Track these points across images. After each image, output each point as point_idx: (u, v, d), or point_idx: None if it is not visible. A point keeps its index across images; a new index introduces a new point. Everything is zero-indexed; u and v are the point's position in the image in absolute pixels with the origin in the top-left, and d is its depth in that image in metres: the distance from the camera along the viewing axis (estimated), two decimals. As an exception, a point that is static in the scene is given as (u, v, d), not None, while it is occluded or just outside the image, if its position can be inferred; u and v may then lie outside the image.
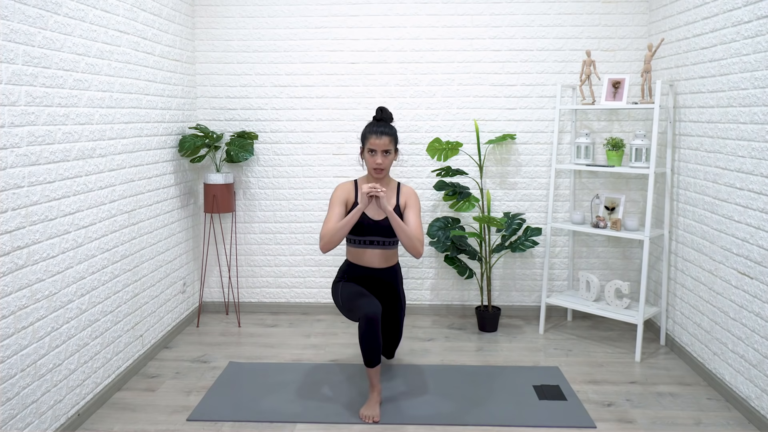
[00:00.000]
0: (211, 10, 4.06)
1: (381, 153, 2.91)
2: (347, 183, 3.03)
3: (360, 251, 3.00)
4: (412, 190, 3.04)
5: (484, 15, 3.99)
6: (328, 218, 2.91)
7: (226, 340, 3.72)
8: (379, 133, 2.89)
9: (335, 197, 2.97)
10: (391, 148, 2.93)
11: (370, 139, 2.91)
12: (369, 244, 2.97)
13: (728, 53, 3.00)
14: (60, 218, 2.56)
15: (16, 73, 2.26)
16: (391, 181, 3.05)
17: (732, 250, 2.96)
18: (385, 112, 3.00)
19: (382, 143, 2.89)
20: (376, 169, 2.92)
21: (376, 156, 2.91)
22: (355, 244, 3.00)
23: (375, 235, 2.96)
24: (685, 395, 3.02)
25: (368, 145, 2.92)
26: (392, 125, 2.96)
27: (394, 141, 2.94)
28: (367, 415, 2.75)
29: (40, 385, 2.45)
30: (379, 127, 2.91)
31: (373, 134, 2.90)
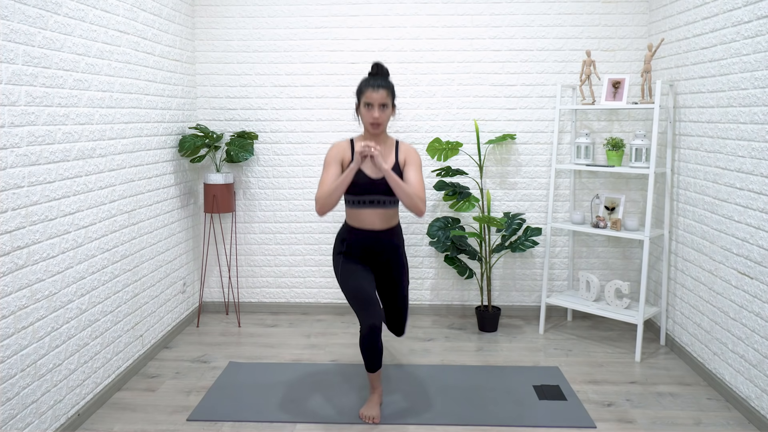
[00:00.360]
0: (211, 10, 4.06)
1: (378, 107, 2.69)
2: (342, 141, 2.83)
3: (359, 212, 2.78)
4: (412, 147, 2.84)
5: (484, 15, 3.99)
6: (322, 180, 2.72)
7: (226, 340, 3.72)
8: (376, 86, 2.69)
9: (330, 157, 2.78)
10: (389, 102, 2.72)
11: (366, 92, 2.70)
12: (368, 204, 2.76)
13: (728, 53, 3.00)
14: (60, 218, 2.56)
15: (16, 73, 2.26)
16: (389, 138, 2.84)
17: (732, 250, 2.96)
18: (381, 67, 2.79)
19: (379, 96, 2.68)
20: (373, 124, 2.71)
21: (373, 110, 2.70)
22: (353, 205, 2.78)
23: (374, 194, 2.75)
24: (685, 395, 3.02)
25: (364, 99, 2.71)
26: (389, 80, 2.77)
27: (391, 95, 2.74)
28: (367, 416, 2.76)
29: (40, 385, 2.45)
30: (376, 81, 2.72)
31: (369, 87, 2.69)
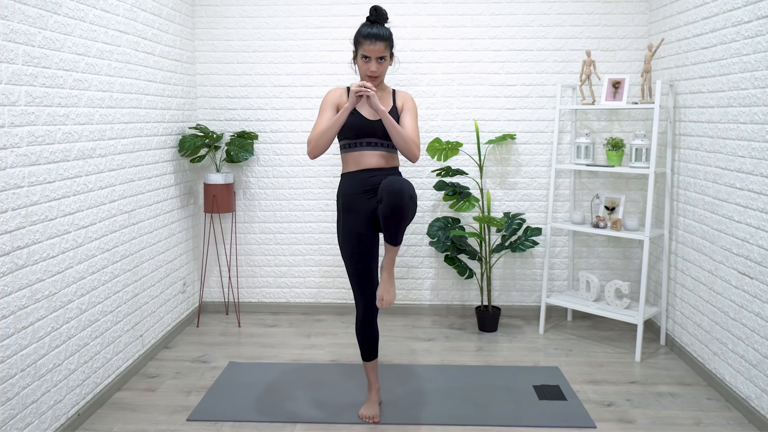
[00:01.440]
0: (211, 10, 4.06)
1: (375, 60, 2.62)
2: (339, 88, 2.76)
3: (358, 154, 2.69)
4: (409, 94, 2.78)
5: (484, 15, 3.99)
6: (316, 123, 2.67)
7: (226, 340, 3.72)
8: (373, 37, 2.58)
9: (325, 101, 2.71)
10: (387, 54, 2.64)
11: (363, 44, 2.61)
12: (367, 146, 2.68)
13: (728, 53, 3.00)
14: (60, 218, 2.56)
15: (16, 73, 2.26)
16: (387, 89, 2.78)
17: (732, 250, 2.96)
18: (380, 13, 2.66)
19: (377, 49, 2.59)
20: (370, 76, 2.65)
21: (371, 63, 2.62)
22: (351, 148, 2.70)
23: (372, 136, 2.67)
24: (685, 395, 3.02)
25: (361, 50, 2.62)
26: (387, 27, 2.66)
27: (389, 46, 2.64)
28: (366, 416, 2.76)
29: (40, 385, 2.45)
30: (373, 30, 2.60)
31: (366, 39, 2.59)
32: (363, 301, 2.69)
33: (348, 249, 2.69)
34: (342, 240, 2.71)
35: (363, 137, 2.67)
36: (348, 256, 2.69)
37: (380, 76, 2.67)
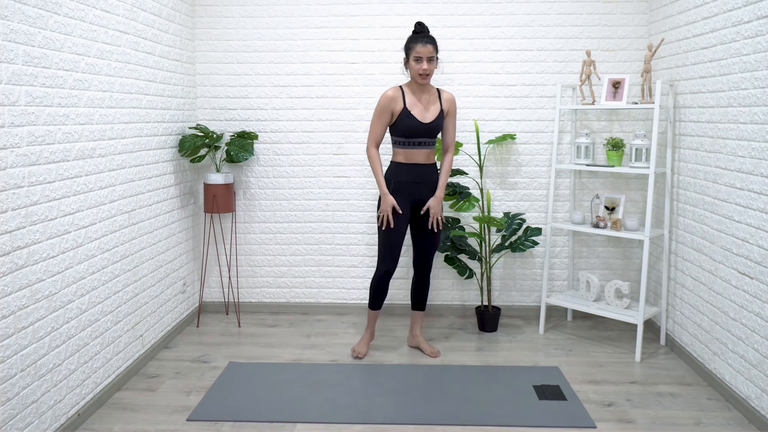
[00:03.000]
0: (211, 10, 4.06)
1: (426, 60, 3.14)
2: (393, 90, 3.25)
3: (410, 151, 3.26)
4: (453, 97, 3.33)
5: (484, 15, 3.99)
6: (373, 127, 3.28)
7: (226, 340, 3.72)
8: (424, 41, 3.12)
9: (380, 107, 3.25)
10: (435, 56, 3.16)
11: (415, 47, 3.14)
12: (417, 145, 3.25)
13: (728, 53, 3.00)
14: (60, 218, 2.56)
15: (16, 73, 2.26)
16: (432, 88, 3.29)
17: (732, 250, 2.96)
18: (424, 26, 3.22)
19: (427, 50, 3.13)
20: (422, 74, 3.15)
21: (422, 62, 3.14)
22: (405, 145, 3.25)
23: (424, 136, 3.24)
24: (685, 395, 3.02)
25: (414, 53, 3.14)
26: (432, 36, 3.18)
27: (436, 49, 3.18)
28: (355, 350, 3.43)
29: (40, 385, 2.45)
30: (423, 37, 3.14)
31: (418, 43, 3.13)
32: (385, 265, 3.31)
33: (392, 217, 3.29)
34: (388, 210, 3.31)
35: (415, 137, 3.24)
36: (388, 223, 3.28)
37: (430, 75, 3.19)
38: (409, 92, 3.24)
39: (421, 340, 3.50)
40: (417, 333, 3.50)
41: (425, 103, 3.24)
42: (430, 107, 3.24)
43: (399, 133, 3.24)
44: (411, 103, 3.21)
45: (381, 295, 3.40)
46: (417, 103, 3.23)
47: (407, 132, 3.21)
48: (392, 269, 3.33)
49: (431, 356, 3.42)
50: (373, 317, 3.47)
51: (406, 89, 3.25)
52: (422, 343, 3.48)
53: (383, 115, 3.24)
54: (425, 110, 3.23)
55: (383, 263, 3.31)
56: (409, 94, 3.23)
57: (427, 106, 3.24)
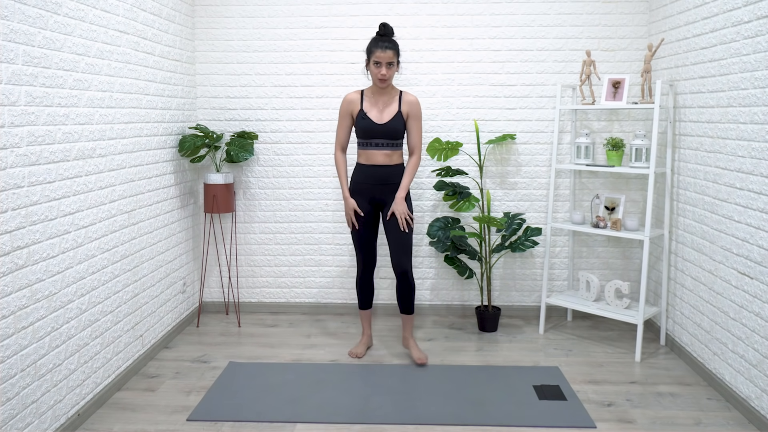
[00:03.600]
0: (211, 10, 4.06)
1: (385, 65, 3.16)
2: (353, 93, 3.31)
3: (368, 152, 3.29)
4: (414, 98, 3.31)
5: (484, 15, 3.99)
6: (337, 134, 3.37)
7: (226, 340, 3.72)
8: (384, 47, 3.14)
9: (341, 111, 3.34)
10: (395, 61, 3.19)
11: (375, 52, 3.15)
12: (375, 146, 3.27)
13: (728, 53, 3.00)
14: (60, 218, 2.56)
15: (16, 73, 2.26)
16: (394, 91, 3.31)
17: (732, 250, 2.96)
18: (388, 28, 3.22)
19: (387, 56, 3.15)
20: (381, 79, 3.18)
21: (381, 67, 3.17)
22: (364, 146, 3.30)
23: (380, 137, 3.26)
24: (685, 395, 3.02)
25: (373, 57, 3.17)
26: (394, 40, 3.21)
27: (396, 54, 3.19)
28: (353, 352, 3.47)
29: (40, 385, 2.45)
30: (384, 42, 3.16)
31: (378, 48, 3.14)
32: (362, 261, 3.41)
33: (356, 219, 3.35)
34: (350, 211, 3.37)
35: (371, 138, 3.27)
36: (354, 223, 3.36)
37: (389, 80, 3.22)
38: (369, 95, 3.29)
39: (411, 343, 3.44)
40: (406, 335, 3.46)
41: (383, 105, 3.26)
42: (387, 109, 3.26)
43: (358, 134, 3.29)
44: (368, 106, 3.26)
45: (365, 295, 3.48)
46: (374, 105, 3.26)
47: (363, 133, 3.26)
48: (368, 268, 3.42)
49: (417, 361, 3.32)
50: (365, 317, 3.53)
51: (367, 92, 3.30)
52: (411, 348, 3.42)
53: (344, 119, 3.33)
54: (382, 111, 3.25)
55: (359, 264, 3.43)
56: (369, 97, 3.28)
57: (384, 107, 3.26)
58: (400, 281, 3.34)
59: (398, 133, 3.26)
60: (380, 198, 3.32)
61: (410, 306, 3.41)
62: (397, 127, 3.25)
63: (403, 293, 3.37)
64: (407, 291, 3.36)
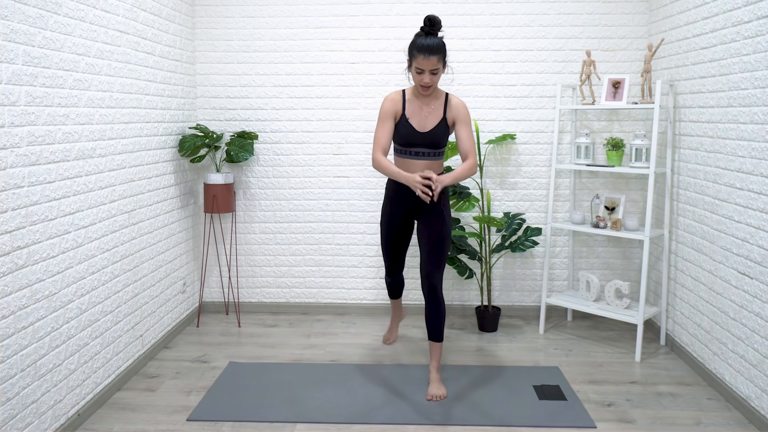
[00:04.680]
0: (211, 10, 4.06)
1: (429, 72, 2.79)
2: (395, 94, 2.96)
3: (406, 161, 2.98)
4: (462, 103, 2.95)
5: (484, 15, 3.99)
6: (376, 136, 2.94)
7: (226, 340, 3.72)
8: (427, 52, 2.73)
9: (383, 112, 2.94)
10: (440, 66, 2.79)
11: (417, 58, 2.76)
12: (414, 155, 2.95)
13: (728, 53, 3.00)
14: (60, 218, 2.56)
15: (16, 73, 2.26)
16: (440, 93, 2.96)
17: (732, 250, 2.96)
18: (435, 23, 2.78)
19: (430, 63, 2.75)
20: (424, 87, 2.85)
21: (424, 75, 2.80)
22: (402, 154, 2.99)
23: (422, 146, 2.94)
24: (685, 395, 3.02)
25: (415, 63, 2.79)
26: (440, 38, 2.79)
27: (442, 58, 2.78)
28: (386, 337, 3.63)
29: (40, 385, 2.45)
30: (427, 42, 2.74)
31: (420, 54, 2.74)
32: (388, 266, 3.30)
33: (385, 228, 3.17)
34: (383, 219, 3.16)
35: (411, 147, 2.95)
36: (384, 233, 3.18)
37: (432, 88, 2.86)
38: (412, 98, 2.94)
39: (432, 376, 3.01)
40: (432, 367, 3.02)
41: (427, 110, 2.93)
42: (431, 115, 2.93)
43: (396, 140, 2.98)
44: (410, 111, 2.93)
45: (395, 289, 3.43)
46: (418, 111, 2.93)
47: (403, 140, 2.94)
48: (393, 275, 3.33)
49: (427, 396, 2.94)
50: (395, 306, 3.56)
51: (409, 95, 2.96)
52: (431, 380, 3.01)
53: (387, 120, 2.93)
54: (425, 118, 2.93)
55: (387, 272, 3.34)
56: (411, 101, 2.94)
57: (428, 114, 2.93)
58: (429, 298, 2.94)
59: (441, 143, 2.94)
60: (417, 210, 3.03)
61: (439, 332, 2.97)
62: (441, 135, 2.92)
63: (433, 315, 2.95)
64: (436, 309, 2.94)
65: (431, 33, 2.78)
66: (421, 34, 2.80)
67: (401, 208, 3.08)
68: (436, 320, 2.96)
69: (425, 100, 2.94)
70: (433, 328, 2.97)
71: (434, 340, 2.99)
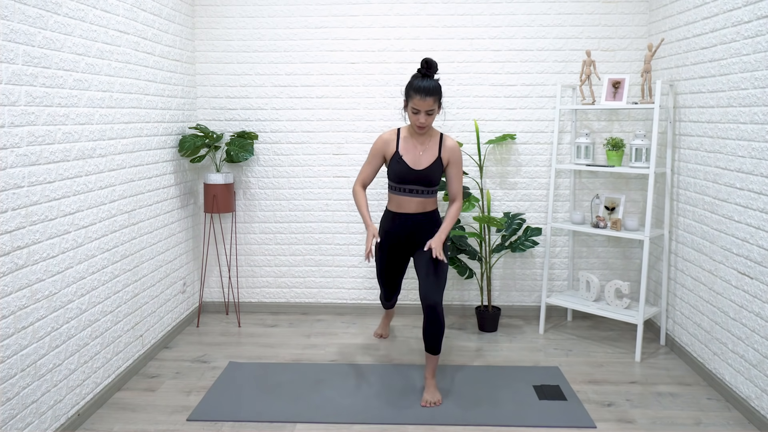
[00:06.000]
0: (211, 10, 4.06)
1: (424, 113, 2.87)
2: (389, 133, 3.05)
3: (400, 198, 3.04)
4: (456, 144, 3.02)
5: (484, 15, 3.99)
6: (362, 169, 3.11)
7: (226, 340, 3.72)
8: (424, 94, 2.82)
9: (373, 150, 3.07)
10: (435, 107, 2.88)
11: (414, 98, 2.85)
12: (408, 192, 3.01)
13: (728, 53, 3.00)
14: (60, 218, 2.56)
15: (16, 73, 2.26)
16: (434, 133, 3.03)
17: (732, 250, 2.96)
18: (432, 66, 2.88)
19: (426, 104, 2.84)
20: (419, 126, 2.92)
21: (420, 116, 2.88)
22: (396, 191, 3.05)
23: (415, 184, 2.99)
24: (685, 395, 3.02)
25: (411, 104, 2.87)
26: (437, 81, 2.89)
27: (438, 100, 2.87)
28: (376, 332, 3.75)
29: (40, 385, 2.45)
30: (424, 84, 2.83)
31: (417, 95, 2.83)
32: (384, 292, 3.38)
33: (379, 263, 3.23)
34: (377, 254, 3.21)
35: (405, 184, 3.01)
36: (379, 267, 3.25)
37: (427, 128, 2.94)
38: (407, 135, 3.01)
39: (428, 383, 2.98)
40: (427, 376, 2.99)
41: (421, 148, 2.98)
42: (426, 154, 2.98)
43: (390, 177, 3.03)
44: (405, 148, 2.98)
45: (387, 305, 3.56)
46: (412, 149, 2.98)
47: (397, 178, 2.99)
48: (389, 299, 3.44)
49: (422, 402, 2.90)
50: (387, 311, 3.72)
51: (404, 132, 3.03)
52: (426, 387, 2.98)
53: (374, 158, 3.07)
54: (419, 156, 2.97)
55: (381, 289, 3.38)
56: (406, 138, 3.00)
57: (423, 152, 2.98)
58: (428, 316, 2.88)
59: (434, 181, 2.99)
60: (411, 245, 3.09)
61: (437, 345, 2.94)
62: (435, 173, 2.97)
63: (431, 330, 2.90)
64: (435, 328, 2.90)
65: (428, 75, 2.87)
66: (417, 75, 2.88)
67: (395, 246, 3.12)
68: (435, 336, 2.93)
69: (420, 138, 3.00)
70: (431, 343, 2.94)
71: (431, 353, 2.96)
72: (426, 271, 2.94)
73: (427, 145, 2.99)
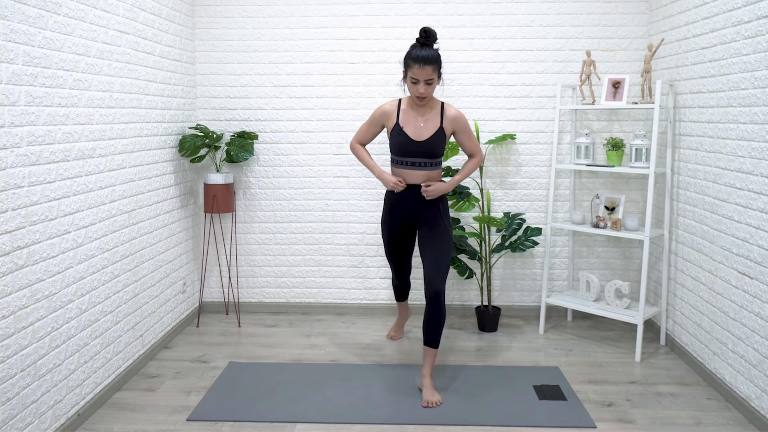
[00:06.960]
0: (211, 10, 4.06)
1: (423, 82, 2.82)
2: (390, 104, 3.02)
3: (403, 171, 3.00)
4: (458, 112, 2.97)
5: (484, 15, 3.99)
6: (360, 130, 3.16)
7: (226, 340, 3.72)
8: (422, 61, 2.76)
9: (372, 116, 3.08)
10: (434, 77, 2.83)
11: (412, 68, 2.80)
12: (411, 165, 2.97)
13: (728, 53, 3.00)
14: (60, 218, 2.56)
15: (16, 73, 2.26)
16: (435, 103, 2.98)
17: (732, 250, 2.96)
18: (430, 35, 2.81)
19: (425, 73, 2.78)
20: (419, 97, 2.87)
21: (419, 85, 2.83)
22: (397, 164, 3.01)
23: (417, 156, 2.95)
24: (685, 395, 3.02)
25: (410, 73, 2.82)
26: (436, 49, 2.83)
27: (437, 68, 2.82)
28: (391, 334, 3.70)
29: (40, 385, 2.45)
30: (422, 53, 2.77)
31: (416, 64, 2.78)
32: (394, 270, 3.36)
33: (387, 239, 3.23)
34: (383, 229, 3.22)
35: (407, 157, 2.97)
36: (387, 244, 3.25)
37: (427, 98, 2.90)
38: (407, 108, 2.97)
39: (425, 382, 2.95)
40: (425, 373, 2.97)
41: (422, 119, 2.93)
42: (427, 125, 2.93)
43: (392, 150, 3.00)
44: (405, 120, 2.94)
45: (401, 292, 3.50)
46: (413, 120, 2.94)
47: (398, 150, 2.96)
48: (401, 279, 3.39)
49: (423, 404, 2.86)
50: (401, 307, 3.64)
51: (404, 104, 2.99)
52: (425, 387, 2.93)
53: (372, 125, 3.09)
54: (421, 127, 2.93)
55: (393, 276, 3.40)
56: (406, 110, 2.96)
57: (424, 123, 2.93)
58: (431, 305, 2.89)
59: (438, 152, 2.95)
60: (417, 220, 3.06)
61: (436, 338, 2.93)
62: (438, 144, 2.93)
63: (432, 321, 2.90)
64: (436, 318, 2.89)
65: (426, 44, 2.82)
66: (416, 45, 2.84)
67: (401, 219, 3.12)
68: (435, 327, 2.93)
69: (420, 110, 2.96)
70: (431, 334, 2.94)
71: (430, 345, 2.96)
72: (431, 255, 2.94)
73: (429, 116, 2.94)
